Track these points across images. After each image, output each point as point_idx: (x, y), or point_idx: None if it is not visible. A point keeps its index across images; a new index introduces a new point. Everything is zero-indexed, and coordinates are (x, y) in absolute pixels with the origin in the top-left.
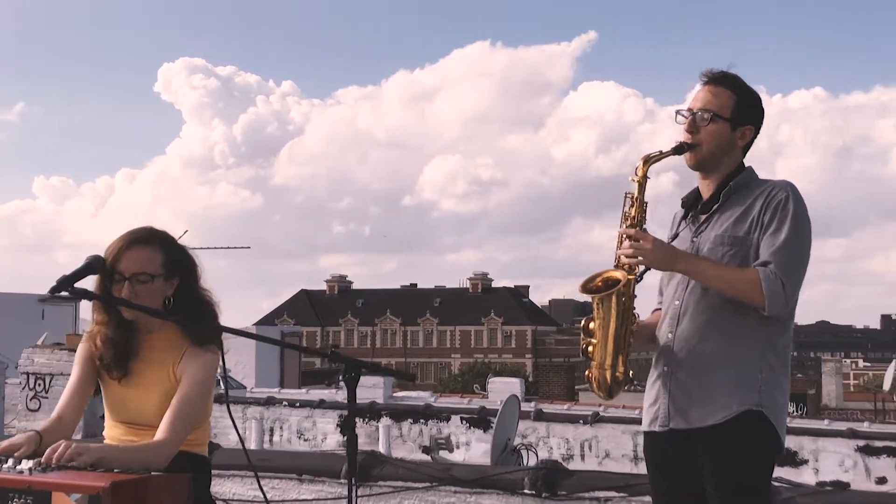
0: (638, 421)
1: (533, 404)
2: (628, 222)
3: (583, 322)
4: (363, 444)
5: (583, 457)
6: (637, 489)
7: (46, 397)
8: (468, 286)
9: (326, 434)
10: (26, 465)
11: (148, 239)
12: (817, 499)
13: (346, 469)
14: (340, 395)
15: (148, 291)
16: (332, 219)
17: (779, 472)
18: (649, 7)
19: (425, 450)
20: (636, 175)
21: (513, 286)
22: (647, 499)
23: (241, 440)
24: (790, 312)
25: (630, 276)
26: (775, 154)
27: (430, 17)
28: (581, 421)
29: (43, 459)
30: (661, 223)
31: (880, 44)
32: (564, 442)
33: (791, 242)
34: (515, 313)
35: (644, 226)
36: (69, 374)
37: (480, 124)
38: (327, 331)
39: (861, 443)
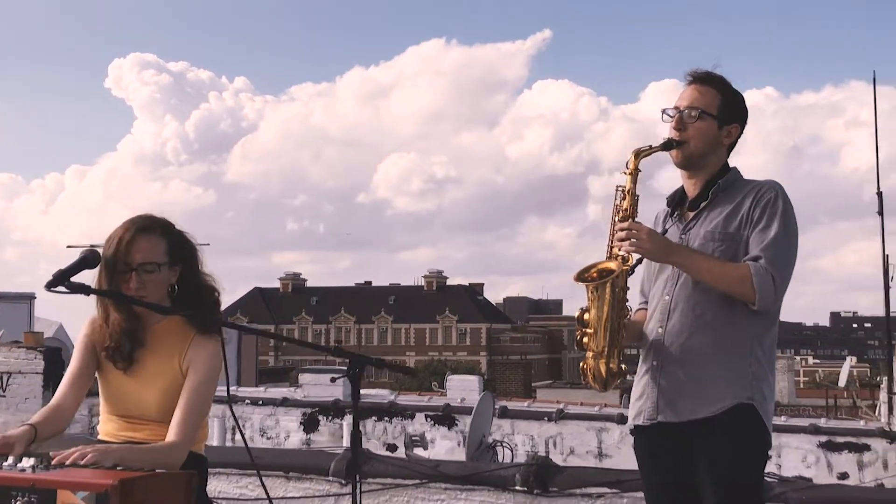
0: (601, 417)
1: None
2: (620, 215)
3: (577, 313)
4: (327, 442)
5: (547, 454)
6: (628, 485)
7: (3, 396)
8: (423, 284)
9: (289, 432)
10: (27, 462)
11: (150, 227)
12: (808, 493)
13: (334, 466)
14: (299, 394)
15: (155, 281)
16: (286, 216)
17: None
18: (604, 6)
19: (390, 448)
20: (627, 168)
21: (467, 284)
22: (639, 495)
23: (244, 438)
24: (777, 308)
25: (625, 267)
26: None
27: (385, 14)
28: (546, 418)
29: (55, 461)
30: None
31: (830, 44)
32: (529, 439)
33: (781, 239)
34: (470, 311)
35: (636, 218)
36: (28, 373)
37: (435, 122)
38: (281, 329)
39: (823, 438)
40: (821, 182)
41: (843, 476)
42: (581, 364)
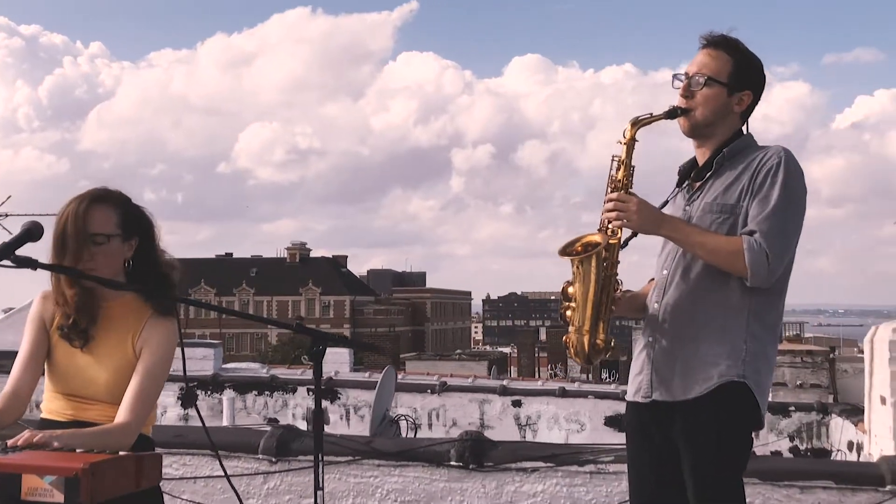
0: (483, 390)
1: (368, 374)
2: (613, 185)
3: (562, 286)
4: (206, 416)
5: (430, 426)
6: (563, 459)
7: None
8: (286, 256)
9: (166, 407)
10: None
11: (103, 198)
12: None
13: (263, 444)
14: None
15: (105, 253)
16: (144, 185)
17: (620, 437)
18: None
19: (271, 421)
20: (624, 137)
21: (331, 256)
22: (573, 468)
23: (201, 418)
24: (781, 283)
25: (612, 240)
26: (587, 128)
27: None
28: (429, 390)
29: (9, 443)
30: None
31: (687, 22)
32: (412, 411)
33: (779, 211)
34: (334, 283)
35: (631, 189)
36: None
37: (299, 92)
38: None
39: None
40: (676, 157)
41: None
42: (564, 338)
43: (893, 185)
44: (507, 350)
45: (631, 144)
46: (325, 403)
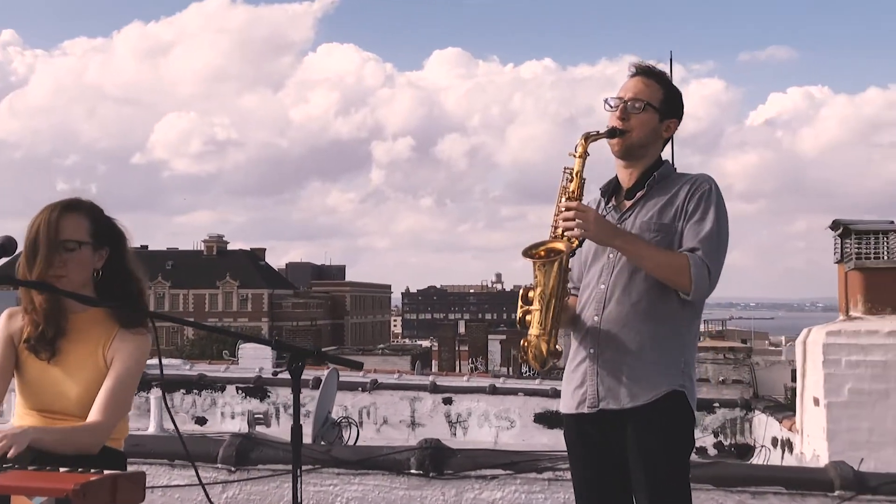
0: (414, 387)
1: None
2: (567, 196)
3: (521, 290)
4: (133, 414)
5: (361, 424)
6: (522, 466)
7: None
8: (202, 248)
9: None
10: None
11: (74, 206)
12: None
13: (222, 453)
14: None
15: (76, 261)
16: (56, 176)
17: (549, 434)
18: None
19: (199, 421)
20: (576, 151)
21: (249, 249)
22: (532, 475)
23: (176, 426)
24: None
25: (571, 248)
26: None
27: None
28: (360, 388)
29: None
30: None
31: (606, 19)
32: (343, 409)
33: (715, 232)
34: (251, 276)
35: (580, 200)
36: None
37: (217, 82)
38: None
39: None
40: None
41: None
42: (522, 341)
43: (804, 182)
44: (426, 343)
45: (584, 157)
46: (252, 402)
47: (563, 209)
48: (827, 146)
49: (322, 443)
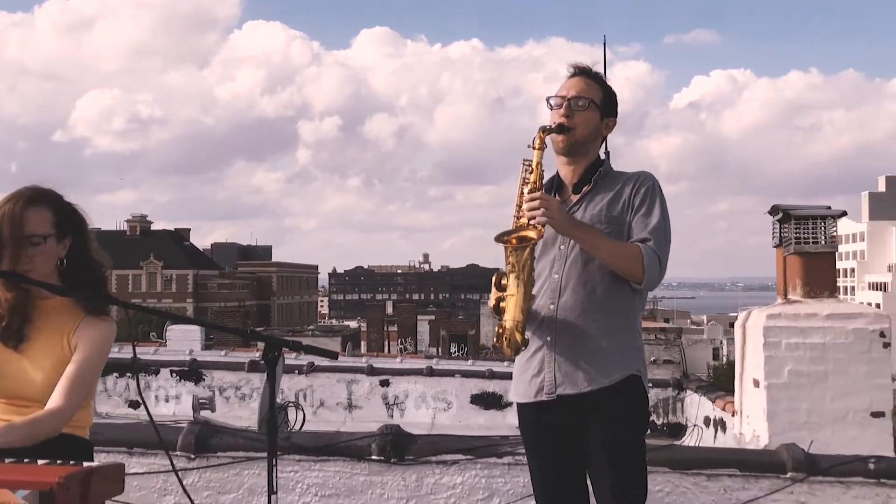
0: (351, 370)
1: (224, 352)
2: (528, 187)
3: (494, 277)
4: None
5: (299, 406)
6: (482, 451)
7: None
8: (125, 228)
9: None
10: None
11: (36, 198)
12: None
13: (182, 440)
14: None
15: (42, 254)
16: None
17: (485, 415)
18: None
19: (132, 405)
20: (534, 144)
21: (173, 229)
22: (492, 460)
23: (149, 414)
24: None
25: (541, 235)
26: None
27: None
28: (297, 371)
29: None
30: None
31: (533, 1)
32: (279, 392)
33: (663, 224)
34: (176, 257)
35: (540, 191)
36: None
37: (141, 58)
38: None
39: None
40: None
41: None
42: (497, 328)
43: (726, 164)
44: (354, 324)
45: (542, 149)
46: (186, 385)
47: (528, 199)
48: (749, 128)
49: None
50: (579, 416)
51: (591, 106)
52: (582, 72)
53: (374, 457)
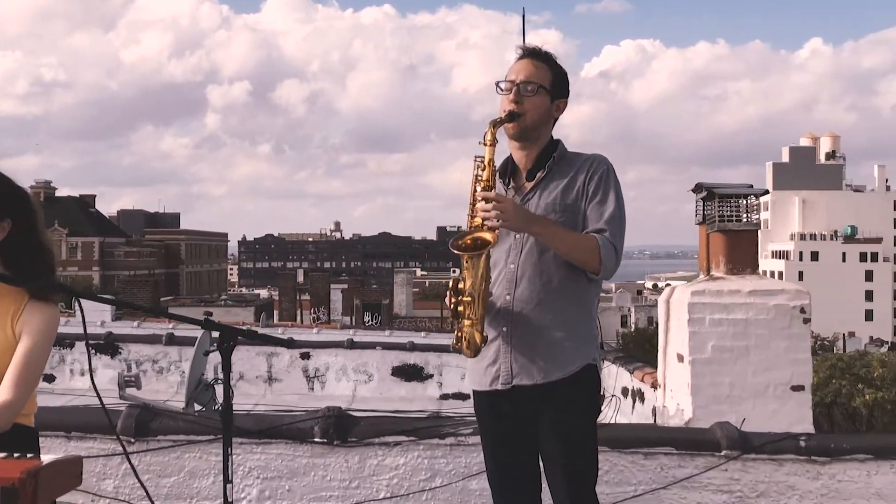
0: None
1: (137, 323)
2: (482, 185)
3: (451, 281)
4: None
5: (217, 380)
6: (425, 432)
7: None
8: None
9: None
10: None
11: None
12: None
13: (122, 424)
14: None
15: None
16: None
17: (406, 387)
18: None
19: (47, 378)
20: (485, 140)
21: (78, 195)
22: (434, 441)
23: (99, 396)
24: None
25: (496, 237)
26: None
27: None
28: (214, 345)
29: None
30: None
31: None
32: (205, 368)
33: (618, 212)
34: (81, 224)
35: (494, 189)
36: None
37: (44, 21)
38: None
39: None
40: (433, 101)
41: None
42: (456, 332)
43: (635, 133)
44: (264, 292)
45: (493, 145)
46: (102, 359)
47: (481, 199)
48: (657, 98)
49: (196, 405)
50: (534, 405)
51: (541, 90)
52: (530, 53)
53: (316, 439)
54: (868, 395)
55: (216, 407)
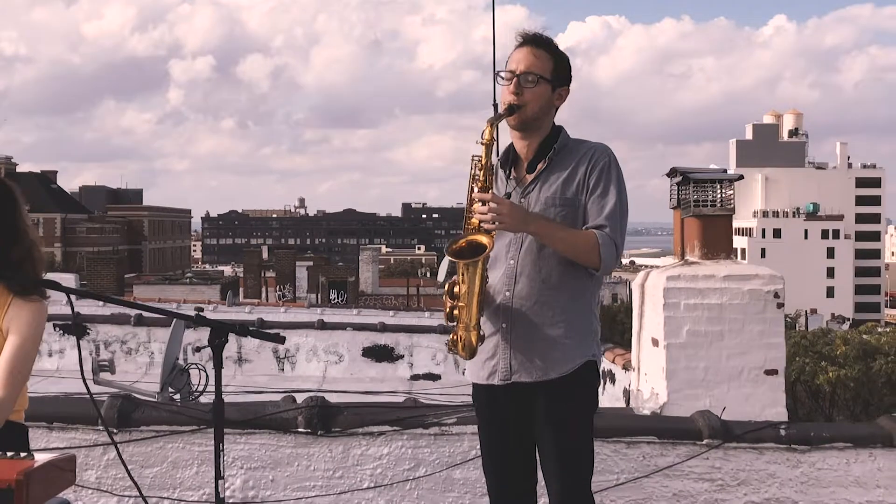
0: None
1: (102, 303)
2: (479, 185)
3: (446, 287)
4: None
5: (186, 361)
6: (408, 422)
7: None
8: None
9: None
10: None
11: None
12: None
13: (104, 414)
14: None
15: None
16: None
17: (377, 367)
18: None
19: None
20: (483, 138)
21: (39, 171)
22: (418, 430)
23: (89, 390)
24: None
25: (493, 241)
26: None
27: None
28: (185, 325)
29: None
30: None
31: None
32: (162, 346)
33: (618, 207)
34: (43, 200)
35: (491, 188)
36: None
37: None
38: None
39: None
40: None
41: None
42: (452, 335)
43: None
44: (228, 269)
45: (490, 145)
46: (70, 340)
47: (477, 200)
48: (622, 75)
49: (171, 390)
50: (532, 400)
51: (541, 81)
52: (530, 41)
53: (300, 429)
54: (831, 373)
55: (192, 392)
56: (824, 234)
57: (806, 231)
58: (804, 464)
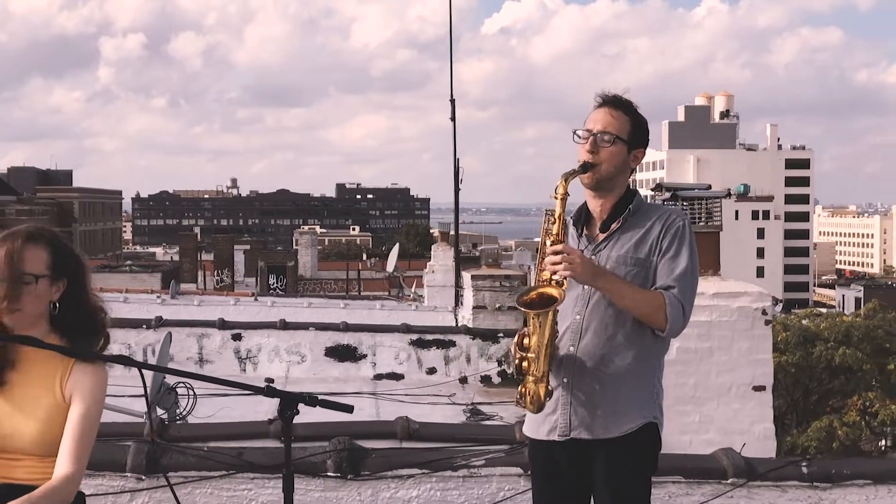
0: (202, 324)
1: None
2: (552, 239)
3: (516, 339)
4: None
5: (145, 360)
6: (437, 465)
7: None
8: None
9: None
10: None
11: (35, 236)
12: None
13: (131, 460)
14: None
15: (32, 294)
16: None
17: (340, 367)
18: None
19: None
20: (556, 193)
21: None
22: (447, 473)
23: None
24: None
25: (564, 294)
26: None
27: None
28: (144, 325)
29: None
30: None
31: None
32: (125, 348)
33: (689, 270)
34: None
35: (563, 242)
36: None
37: None
38: None
39: (414, 337)
40: (332, 55)
41: (432, 371)
42: (521, 387)
43: (535, 90)
44: (159, 250)
45: (564, 199)
46: None
47: (550, 252)
48: (557, 55)
49: (158, 409)
50: (590, 458)
51: (617, 141)
52: (608, 102)
53: (329, 473)
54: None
55: (179, 412)
56: (754, 215)
57: (737, 212)
58: (825, 501)
